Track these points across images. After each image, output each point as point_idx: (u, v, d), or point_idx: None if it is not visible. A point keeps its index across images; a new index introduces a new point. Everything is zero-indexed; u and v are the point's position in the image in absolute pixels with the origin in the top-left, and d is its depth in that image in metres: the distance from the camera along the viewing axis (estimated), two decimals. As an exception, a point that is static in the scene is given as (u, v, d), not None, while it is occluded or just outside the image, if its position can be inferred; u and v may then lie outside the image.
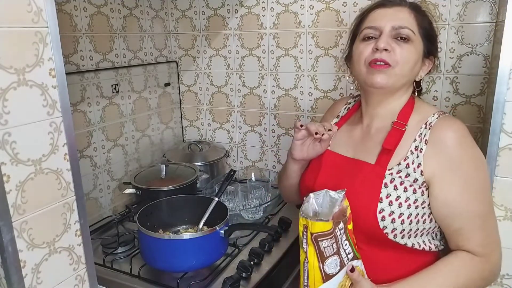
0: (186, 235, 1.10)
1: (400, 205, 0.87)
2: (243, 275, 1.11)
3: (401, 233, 0.89)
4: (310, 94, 1.64)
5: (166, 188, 1.44)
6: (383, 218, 0.87)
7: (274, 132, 1.77)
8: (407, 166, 0.89)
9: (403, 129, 0.92)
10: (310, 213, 0.84)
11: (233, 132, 1.87)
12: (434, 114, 0.92)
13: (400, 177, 0.89)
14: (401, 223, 0.87)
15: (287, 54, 1.64)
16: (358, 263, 0.87)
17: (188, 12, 1.81)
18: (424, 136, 0.89)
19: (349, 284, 0.85)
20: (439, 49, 1.00)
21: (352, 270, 0.84)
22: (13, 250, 0.75)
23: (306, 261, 0.82)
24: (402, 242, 0.89)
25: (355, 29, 1.00)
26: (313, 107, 1.65)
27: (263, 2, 1.63)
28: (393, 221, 0.87)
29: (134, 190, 1.47)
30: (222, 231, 1.11)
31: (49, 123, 0.80)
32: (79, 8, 1.39)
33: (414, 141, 0.90)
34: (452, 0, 1.32)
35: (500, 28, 1.02)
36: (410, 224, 0.88)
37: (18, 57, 0.74)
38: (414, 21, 0.92)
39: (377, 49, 0.89)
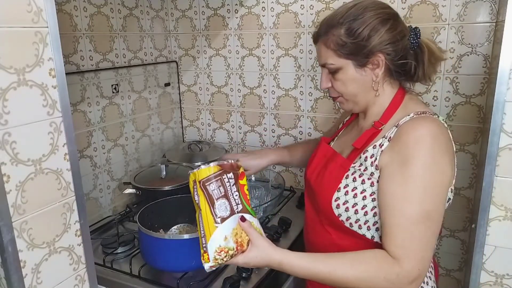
0: (186, 235, 1.10)
1: (355, 196, 0.91)
2: (243, 275, 1.11)
3: (356, 222, 0.92)
4: (310, 94, 1.64)
5: (166, 188, 1.44)
6: (337, 206, 0.93)
7: (274, 132, 1.77)
8: (366, 159, 0.92)
9: (379, 129, 0.94)
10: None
11: (233, 132, 1.87)
12: (411, 114, 0.91)
13: (360, 169, 0.93)
14: (355, 213, 0.91)
15: (287, 54, 1.64)
16: (253, 220, 0.91)
17: (188, 12, 1.81)
18: (390, 134, 0.90)
19: (246, 237, 0.88)
20: (379, 40, 0.90)
21: (243, 219, 0.88)
22: (13, 250, 0.75)
23: (200, 211, 0.87)
24: (361, 232, 0.92)
25: None
26: (313, 107, 1.65)
27: (263, 2, 1.63)
28: (346, 209, 0.92)
29: (134, 190, 1.47)
30: (222, 231, 1.11)
31: (49, 123, 0.80)
32: (79, 8, 1.39)
33: (382, 138, 0.92)
34: (452, 0, 1.32)
35: (500, 28, 1.02)
36: (365, 215, 0.90)
37: (18, 57, 0.74)
38: (330, 51, 0.92)
39: None
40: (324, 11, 1.52)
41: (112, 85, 1.55)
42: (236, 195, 0.90)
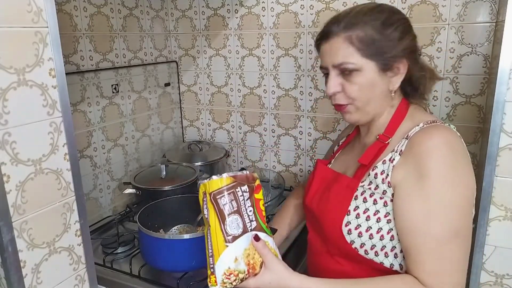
0: (186, 235, 1.10)
1: (367, 218, 0.81)
2: (243, 275, 1.11)
3: (372, 249, 0.82)
4: (310, 94, 1.64)
5: (166, 188, 1.44)
6: (349, 232, 0.83)
7: (274, 132, 1.77)
8: (376, 176, 0.83)
9: (386, 142, 0.86)
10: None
11: (233, 132, 1.87)
12: (420, 124, 0.83)
13: (370, 188, 0.83)
14: (370, 238, 0.81)
15: (287, 54, 1.64)
16: (268, 239, 0.81)
17: (188, 12, 1.81)
18: (401, 147, 0.82)
19: (259, 258, 0.79)
20: (415, 51, 0.87)
21: (257, 239, 0.78)
22: (13, 250, 0.75)
23: (208, 227, 0.78)
24: (377, 260, 0.82)
25: None
26: (313, 107, 1.65)
27: (263, 2, 1.63)
28: (359, 234, 0.82)
29: (134, 190, 1.47)
30: (222, 231, 1.11)
31: (49, 123, 0.80)
32: (79, 8, 1.39)
33: (391, 151, 0.84)
34: (452, 0, 1.32)
35: (500, 28, 1.02)
36: (381, 240, 0.81)
37: (18, 57, 0.74)
38: (352, 48, 0.81)
39: None
40: (324, 11, 1.52)
41: (112, 85, 1.55)
42: (250, 211, 0.80)
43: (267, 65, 1.70)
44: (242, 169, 1.30)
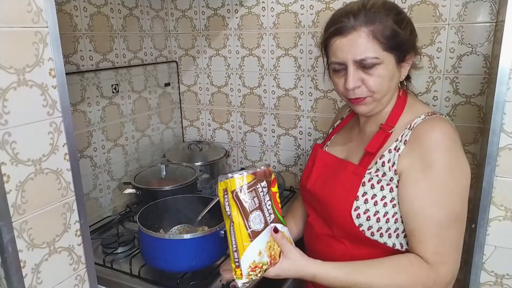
0: (186, 235, 1.10)
1: (375, 203, 0.88)
2: (243, 275, 1.11)
3: (378, 231, 0.88)
4: (310, 94, 1.64)
5: (166, 188, 1.44)
6: (358, 216, 0.89)
7: (274, 132, 1.77)
8: (383, 164, 0.89)
9: (390, 132, 0.91)
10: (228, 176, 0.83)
11: (233, 132, 1.87)
12: (422, 115, 0.89)
13: (377, 175, 0.89)
14: (377, 221, 0.88)
15: (287, 54, 1.64)
16: (284, 229, 0.86)
17: (188, 12, 1.81)
18: (405, 137, 0.87)
19: (278, 248, 0.84)
20: (418, 43, 0.92)
21: (276, 231, 0.84)
22: (13, 250, 0.75)
23: (232, 224, 0.81)
24: (381, 241, 0.89)
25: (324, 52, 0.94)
26: (313, 107, 1.65)
27: (263, 2, 1.63)
28: (368, 218, 0.88)
29: (134, 190, 1.47)
30: (223, 232, 1.11)
31: (49, 123, 0.80)
32: (79, 8, 1.39)
33: (395, 141, 0.89)
34: (452, 0, 1.32)
35: (500, 28, 1.02)
36: (387, 222, 0.88)
37: (18, 57, 0.74)
38: (374, 42, 0.83)
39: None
40: (324, 11, 1.52)
41: (112, 85, 1.55)
42: (269, 205, 0.85)
43: (267, 65, 1.70)
44: (242, 169, 1.30)
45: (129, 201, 1.59)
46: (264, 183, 0.84)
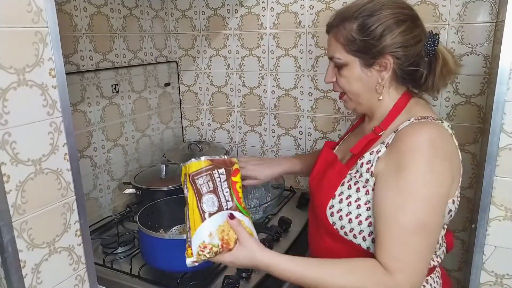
0: (186, 235, 1.10)
1: (349, 204, 0.88)
2: (243, 275, 1.11)
3: (351, 231, 0.88)
4: (310, 94, 1.64)
5: (166, 188, 1.44)
6: (332, 214, 0.91)
7: (274, 132, 1.77)
8: (361, 165, 0.89)
9: (379, 134, 0.91)
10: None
11: (233, 132, 1.87)
12: (412, 119, 0.86)
13: (355, 177, 0.90)
14: (349, 222, 0.88)
15: (287, 54, 1.64)
16: (243, 218, 0.88)
17: (188, 12, 1.81)
18: (388, 140, 0.86)
19: (234, 236, 0.86)
20: (385, 42, 0.86)
21: (232, 217, 0.86)
22: (13, 250, 0.75)
23: (187, 205, 0.86)
24: (356, 241, 0.89)
25: None
26: (313, 107, 1.65)
27: (263, 2, 1.63)
28: (340, 218, 0.89)
29: (134, 190, 1.47)
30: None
31: (49, 123, 0.80)
32: (79, 8, 1.39)
33: (380, 144, 0.88)
34: (452, 0, 1.32)
35: (500, 28, 1.02)
36: (359, 224, 0.87)
37: (18, 57, 0.74)
38: (337, 44, 0.90)
39: None
40: (324, 11, 1.52)
41: (112, 85, 1.55)
42: (227, 192, 0.88)
43: (267, 65, 1.70)
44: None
45: (129, 201, 1.59)
46: (222, 170, 0.88)
